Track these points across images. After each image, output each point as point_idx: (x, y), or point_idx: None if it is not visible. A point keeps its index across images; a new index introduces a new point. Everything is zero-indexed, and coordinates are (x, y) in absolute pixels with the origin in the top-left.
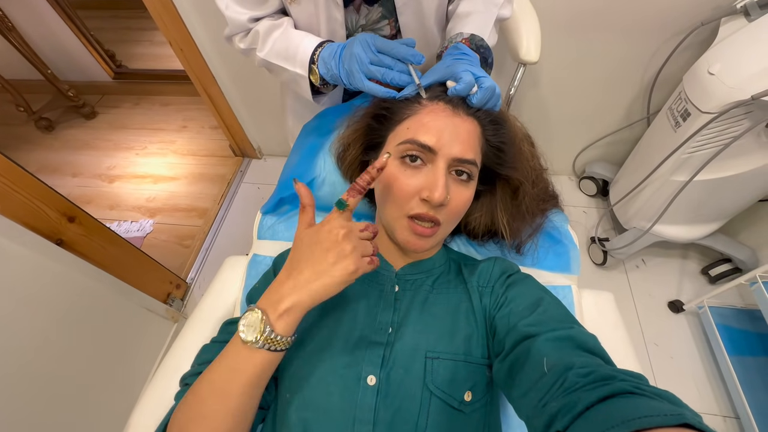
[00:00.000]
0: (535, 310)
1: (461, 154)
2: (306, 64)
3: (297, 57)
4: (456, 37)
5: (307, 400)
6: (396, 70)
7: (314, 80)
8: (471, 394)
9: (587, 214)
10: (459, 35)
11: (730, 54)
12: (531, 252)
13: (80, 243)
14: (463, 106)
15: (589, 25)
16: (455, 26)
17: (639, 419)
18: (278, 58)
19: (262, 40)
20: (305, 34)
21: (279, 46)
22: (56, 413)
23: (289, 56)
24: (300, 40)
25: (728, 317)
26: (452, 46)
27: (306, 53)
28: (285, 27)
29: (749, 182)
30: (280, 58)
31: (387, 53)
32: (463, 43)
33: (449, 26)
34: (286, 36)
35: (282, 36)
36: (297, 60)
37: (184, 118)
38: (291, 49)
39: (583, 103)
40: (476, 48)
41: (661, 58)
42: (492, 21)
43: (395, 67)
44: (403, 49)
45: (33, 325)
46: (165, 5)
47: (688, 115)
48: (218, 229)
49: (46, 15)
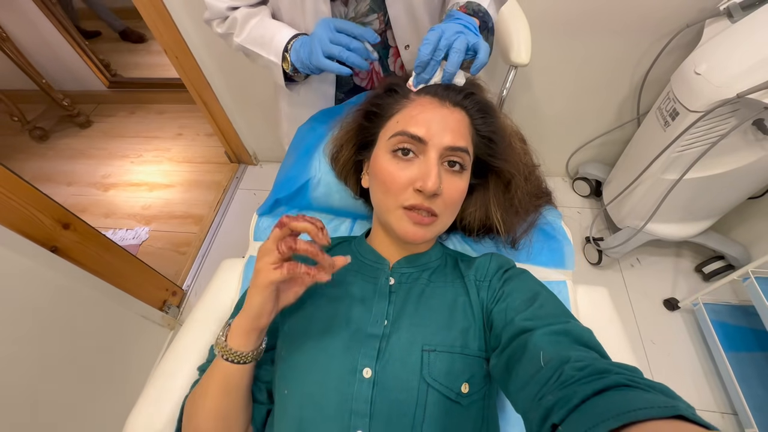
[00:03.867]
0: (531, 304)
1: (452, 142)
2: (280, 52)
3: (272, 45)
4: (453, 6)
5: (303, 394)
6: (352, 47)
7: (286, 68)
8: (468, 386)
9: (581, 214)
10: (455, 4)
11: (716, 54)
12: (526, 248)
13: (75, 250)
14: (449, 97)
15: (578, 28)
16: None
17: (634, 411)
18: (254, 45)
19: (240, 26)
20: (281, 25)
21: (255, 33)
22: (51, 421)
23: (265, 43)
24: (276, 30)
25: (723, 313)
26: (447, 14)
27: (280, 43)
28: (262, 16)
29: (738, 179)
30: (256, 44)
31: (345, 32)
32: (459, 10)
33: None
34: (263, 24)
35: (259, 23)
36: (272, 48)
37: (179, 126)
38: (267, 37)
39: (574, 105)
40: (474, 13)
41: (649, 59)
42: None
43: (351, 45)
44: (360, 29)
45: (27, 332)
46: (160, 13)
47: (677, 115)
48: (214, 236)
49: (40, 24)
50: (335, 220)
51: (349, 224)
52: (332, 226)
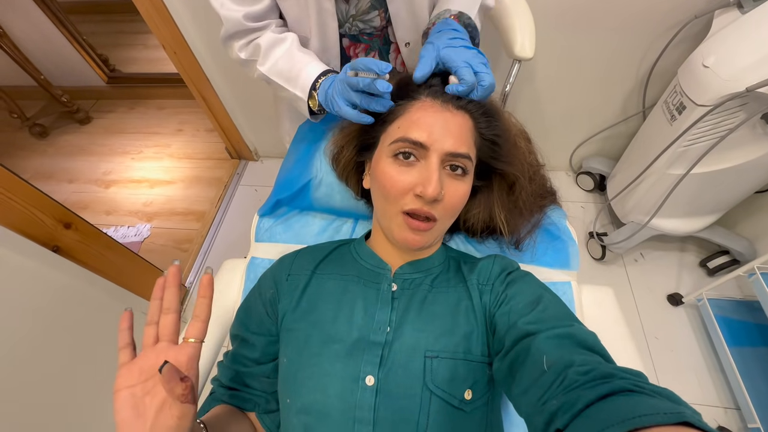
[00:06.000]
0: (535, 307)
1: (454, 148)
2: (307, 89)
3: (299, 81)
4: (444, 12)
5: (306, 402)
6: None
7: (312, 105)
8: (471, 392)
9: (585, 209)
10: (447, 11)
11: (725, 46)
12: (530, 248)
13: (77, 249)
14: (452, 100)
15: (583, 20)
16: (442, 5)
17: (639, 417)
18: (280, 78)
19: (264, 54)
20: (310, 59)
21: (281, 65)
22: (53, 419)
23: (291, 78)
24: (304, 65)
25: (727, 309)
26: (441, 21)
27: (308, 80)
28: (289, 45)
29: (745, 174)
30: (282, 78)
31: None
32: (452, 19)
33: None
34: (290, 56)
35: (286, 55)
36: (298, 84)
37: (179, 122)
38: (294, 72)
39: (578, 98)
40: (464, 26)
41: (655, 51)
42: (478, 3)
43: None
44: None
45: (30, 332)
46: (157, 8)
47: (684, 109)
48: (216, 233)
49: (37, 20)
50: (337, 221)
51: (351, 224)
52: (334, 227)
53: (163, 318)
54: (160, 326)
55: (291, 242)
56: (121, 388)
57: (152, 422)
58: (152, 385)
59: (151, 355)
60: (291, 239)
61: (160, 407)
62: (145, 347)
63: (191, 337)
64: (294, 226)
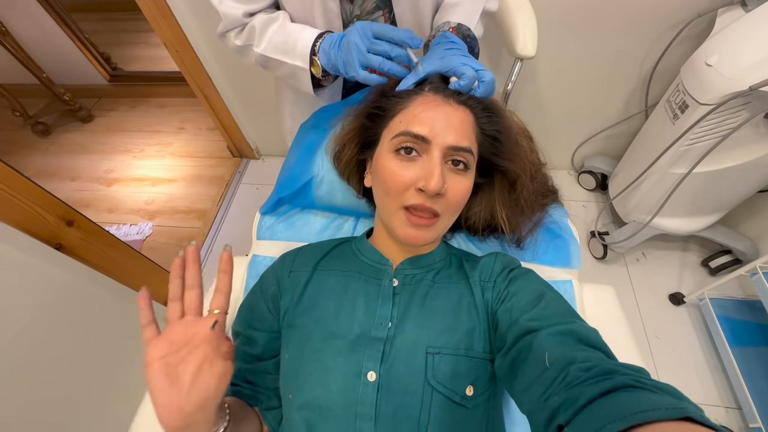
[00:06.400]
0: (537, 304)
1: (455, 141)
2: (307, 56)
3: (297, 49)
4: (443, 25)
5: (308, 398)
6: (393, 55)
7: (316, 72)
8: (473, 388)
9: (587, 208)
10: (446, 24)
11: (728, 45)
12: (531, 247)
13: (79, 247)
14: (453, 95)
15: (585, 18)
16: (442, 16)
17: (641, 413)
18: (276, 52)
19: (259, 34)
20: (304, 27)
21: (277, 39)
22: (57, 417)
23: (288, 49)
24: (299, 33)
25: (729, 308)
26: (440, 35)
27: (306, 45)
28: (282, 20)
29: (748, 173)
30: (279, 51)
31: (384, 38)
32: (450, 31)
33: (436, 17)
34: (284, 29)
35: (280, 29)
36: (297, 52)
37: (181, 120)
38: (290, 42)
39: (580, 97)
40: (463, 37)
41: (658, 50)
42: (479, 12)
43: (393, 53)
44: (401, 33)
45: (33, 329)
46: (159, 6)
47: (686, 107)
48: (218, 231)
49: (39, 19)
50: (338, 219)
51: (353, 223)
52: (335, 225)
53: (187, 293)
54: (186, 301)
55: (292, 240)
56: (154, 359)
57: (189, 387)
58: (185, 354)
59: (179, 328)
60: (292, 237)
61: (196, 372)
62: (170, 322)
63: (216, 308)
64: (295, 224)
